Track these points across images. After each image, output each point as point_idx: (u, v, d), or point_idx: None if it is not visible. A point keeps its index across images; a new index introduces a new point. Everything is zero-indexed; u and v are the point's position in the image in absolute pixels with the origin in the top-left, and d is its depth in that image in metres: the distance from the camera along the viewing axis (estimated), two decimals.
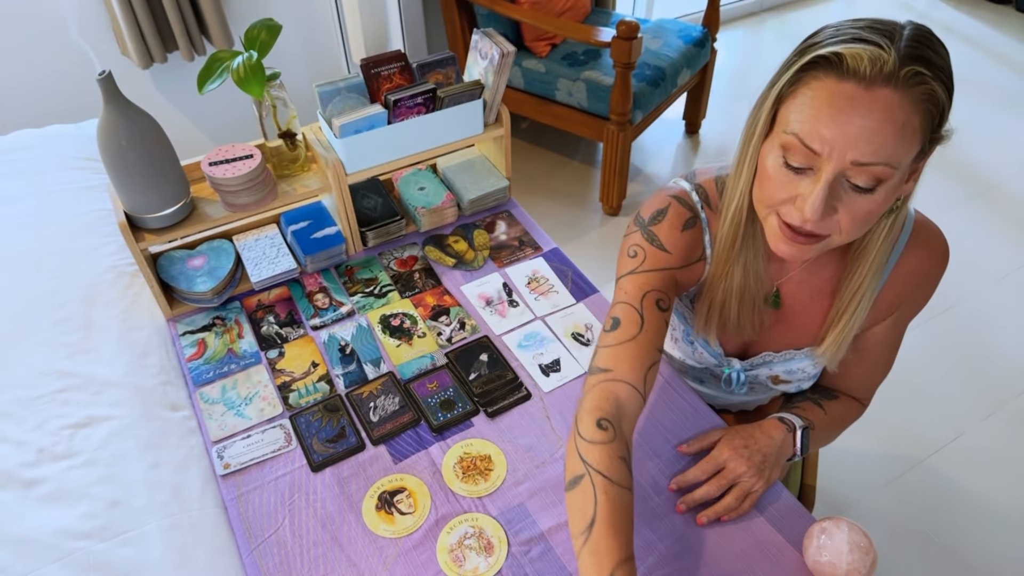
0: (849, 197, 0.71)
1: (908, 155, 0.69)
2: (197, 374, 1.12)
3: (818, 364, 0.98)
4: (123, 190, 1.07)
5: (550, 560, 0.90)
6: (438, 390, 1.09)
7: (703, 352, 1.04)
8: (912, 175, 0.76)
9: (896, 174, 0.70)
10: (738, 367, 1.03)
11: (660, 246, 0.91)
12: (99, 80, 1.00)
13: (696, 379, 1.16)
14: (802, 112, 0.70)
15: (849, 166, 0.69)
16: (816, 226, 0.73)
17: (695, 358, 1.07)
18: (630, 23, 2.00)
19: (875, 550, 0.83)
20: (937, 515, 1.70)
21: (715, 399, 1.18)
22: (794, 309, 0.96)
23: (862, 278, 0.86)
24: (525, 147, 2.85)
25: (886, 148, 0.67)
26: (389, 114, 1.18)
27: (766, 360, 1.02)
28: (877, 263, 0.85)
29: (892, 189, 0.72)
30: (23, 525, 0.91)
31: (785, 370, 1.01)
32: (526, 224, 1.38)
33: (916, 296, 0.93)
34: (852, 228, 0.74)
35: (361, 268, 1.30)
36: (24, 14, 2.08)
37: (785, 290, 0.95)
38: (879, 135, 0.67)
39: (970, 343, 2.10)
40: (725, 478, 0.93)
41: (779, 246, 0.78)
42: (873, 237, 0.83)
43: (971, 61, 3.39)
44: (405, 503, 0.96)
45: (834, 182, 0.70)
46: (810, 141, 0.69)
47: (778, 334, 0.99)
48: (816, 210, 0.71)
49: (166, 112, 2.45)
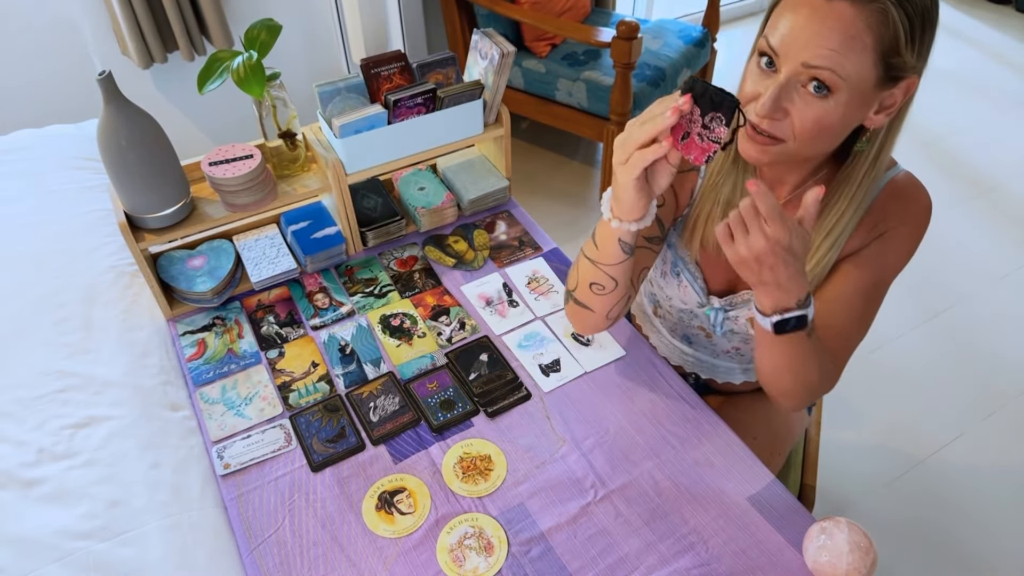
0: (802, 102, 0.77)
1: (856, 69, 0.75)
2: (197, 374, 1.12)
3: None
4: (123, 190, 1.07)
5: (550, 560, 0.90)
6: (438, 390, 1.09)
7: (688, 287, 1.06)
8: (884, 109, 0.80)
9: (844, 86, 0.75)
10: (717, 305, 1.05)
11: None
12: (99, 80, 1.00)
13: (685, 339, 1.17)
14: (774, 20, 0.78)
15: (801, 68, 0.75)
16: (771, 126, 0.79)
17: (680, 296, 1.08)
18: (630, 23, 2.00)
19: (875, 550, 0.83)
20: (937, 515, 1.70)
21: (703, 366, 1.19)
22: None
23: (842, 212, 0.88)
24: (525, 147, 2.85)
25: (834, 54, 0.74)
26: (389, 114, 1.18)
27: (745, 299, 1.03)
28: (856, 198, 0.88)
29: (844, 104, 0.76)
30: (23, 525, 0.91)
31: None
32: (526, 224, 1.39)
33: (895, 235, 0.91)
34: (803, 134, 0.78)
35: (361, 268, 1.30)
36: (24, 14, 2.08)
37: None
38: (828, 41, 0.73)
39: (970, 343, 2.10)
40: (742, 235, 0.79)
41: (744, 146, 0.83)
42: (854, 170, 0.87)
43: (971, 61, 3.39)
44: (405, 503, 0.96)
45: (787, 83, 0.76)
46: (775, 43, 0.77)
47: None
48: (765, 105, 0.77)
49: (166, 112, 2.45)
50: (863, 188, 0.88)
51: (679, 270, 1.07)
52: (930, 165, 2.76)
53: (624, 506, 0.95)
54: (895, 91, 0.79)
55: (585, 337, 1.17)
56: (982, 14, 3.74)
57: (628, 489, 0.97)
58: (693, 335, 1.16)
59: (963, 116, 3.02)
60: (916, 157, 2.80)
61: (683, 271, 1.06)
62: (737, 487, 0.97)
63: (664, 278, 1.11)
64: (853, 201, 0.88)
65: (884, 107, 0.80)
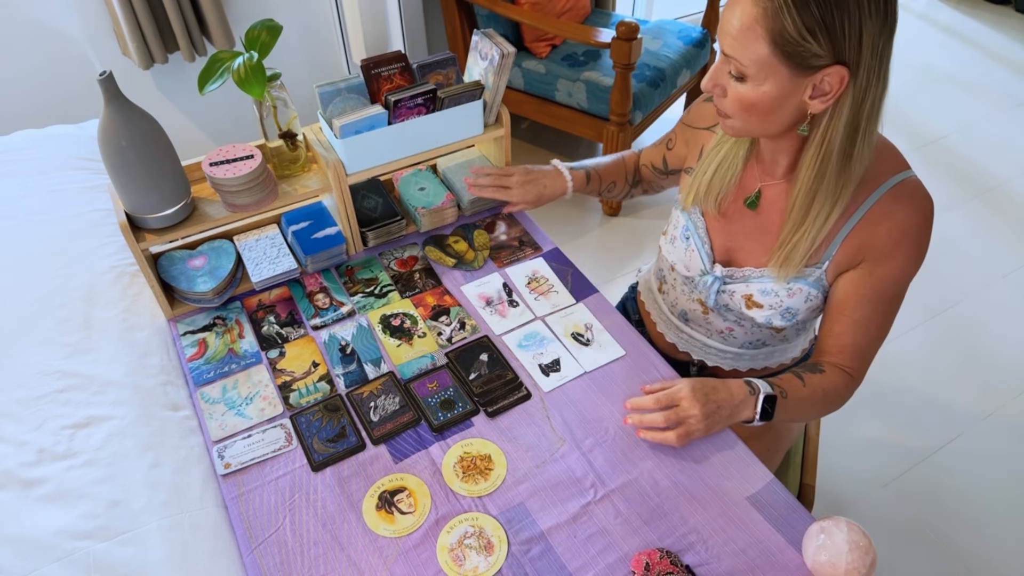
0: (730, 84, 0.89)
1: (756, 58, 0.83)
2: (198, 374, 1.13)
3: (792, 293, 1.03)
4: (124, 190, 1.08)
5: (550, 560, 0.90)
6: (438, 390, 1.09)
7: (695, 252, 1.12)
8: (819, 95, 0.85)
9: (751, 72, 0.85)
10: (718, 273, 1.09)
11: (688, 108, 1.19)
12: (100, 80, 1.00)
13: (682, 315, 1.23)
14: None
15: (723, 55, 0.88)
16: (716, 102, 0.93)
17: (686, 262, 1.14)
18: (630, 24, 2.01)
19: (874, 550, 0.83)
20: (937, 515, 1.70)
21: (696, 345, 1.23)
22: (770, 218, 1.04)
23: (797, 192, 0.95)
24: (525, 147, 2.85)
25: (736, 45, 0.85)
26: (389, 115, 1.18)
27: (745, 274, 1.07)
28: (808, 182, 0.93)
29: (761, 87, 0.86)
30: (23, 525, 0.92)
31: (760, 288, 1.05)
32: (526, 224, 1.39)
33: (895, 252, 0.96)
34: (735, 110, 0.91)
35: (361, 268, 1.30)
36: (25, 14, 2.08)
37: (766, 195, 1.04)
38: (731, 33, 0.84)
39: (970, 343, 2.10)
40: (676, 415, 0.98)
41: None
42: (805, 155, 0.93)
43: (971, 61, 3.39)
44: (405, 503, 0.96)
45: (719, 66, 0.90)
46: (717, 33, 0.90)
47: (757, 245, 1.06)
48: (704, 81, 0.92)
49: (167, 112, 2.46)
50: (811, 172, 0.92)
51: (689, 234, 1.12)
52: (930, 165, 2.77)
53: (624, 505, 0.95)
54: (826, 78, 0.84)
55: (585, 336, 1.17)
56: (982, 14, 3.74)
57: (628, 489, 0.97)
58: (691, 311, 1.20)
59: (963, 116, 3.02)
60: (916, 157, 2.80)
61: (692, 236, 1.11)
62: (736, 487, 0.97)
63: (673, 243, 1.16)
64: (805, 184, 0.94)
65: (818, 93, 0.86)
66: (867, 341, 1.01)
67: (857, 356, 1.02)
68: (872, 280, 0.98)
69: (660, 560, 0.88)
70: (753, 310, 1.08)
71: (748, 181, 1.06)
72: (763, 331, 1.15)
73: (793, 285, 1.03)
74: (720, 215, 1.09)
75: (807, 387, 1.00)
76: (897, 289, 0.99)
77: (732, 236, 1.09)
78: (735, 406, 0.98)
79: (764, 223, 1.05)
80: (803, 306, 1.04)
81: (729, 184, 1.06)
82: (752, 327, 1.14)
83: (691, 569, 0.88)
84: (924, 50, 3.48)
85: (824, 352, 1.04)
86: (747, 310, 1.09)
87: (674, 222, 1.17)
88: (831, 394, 1.02)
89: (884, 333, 1.02)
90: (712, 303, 1.12)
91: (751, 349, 1.19)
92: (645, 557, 0.88)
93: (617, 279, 2.30)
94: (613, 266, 2.37)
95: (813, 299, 1.04)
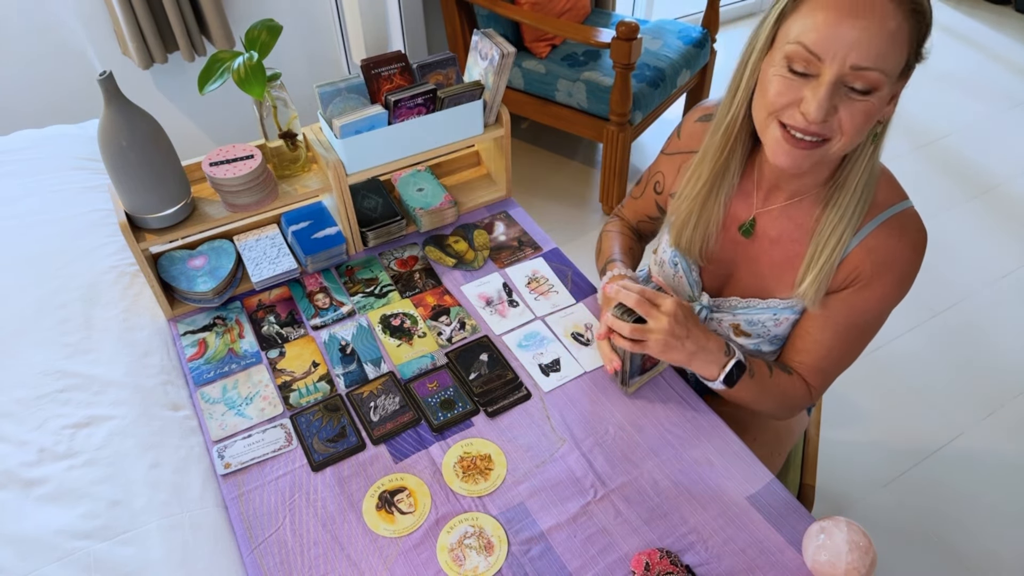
0: (847, 101, 0.77)
1: (898, 63, 0.76)
2: (198, 374, 1.13)
3: (780, 322, 1.01)
4: (124, 190, 1.08)
5: (550, 560, 0.90)
6: (438, 390, 1.09)
7: (683, 278, 1.09)
8: (893, 98, 0.81)
9: (887, 83, 0.76)
10: (705, 302, 1.07)
11: (678, 133, 1.09)
12: (100, 80, 1.00)
13: None
14: (805, 23, 0.76)
15: (848, 71, 0.75)
16: (820, 127, 0.79)
17: (675, 284, 1.11)
18: (630, 24, 2.01)
19: (874, 550, 0.83)
20: (937, 515, 1.70)
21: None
22: (764, 247, 1.00)
23: (844, 207, 0.89)
24: (525, 147, 2.85)
25: (881, 53, 0.73)
26: (389, 115, 1.18)
27: (732, 304, 1.04)
28: (859, 190, 0.87)
29: (882, 100, 0.78)
30: (24, 525, 0.92)
31: (747, 319, 1.03)
32: (526, 224, 1.39)
33: (875, 281, 0.91)
34: (851, 130, 0.79)
35: (361, 268, 1.30)
36: (25, 15, 2.08)
37: (761, 223, 0.99)
38: (876, 39, 0.73)
39: (970, 343, 2.10)
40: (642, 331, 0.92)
41: (778, 155, 0.84)
42: (855, 163, 0.87)
43: (971, 61, 3.39)
44: (405, 503, 0.96)
45: (835, 84, 0.76)
46: (814, 47, 0.75)
47: (747, 275, 1.04)
48: (821, 108, 0.76)
49: (167, 112, 2.46)
50: (864, 178, 0.87)
51: (677, 261, 1.09)
52: (930, 165, 2.77)
53: (624, 505, 0.95)
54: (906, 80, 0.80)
55: (585, 336, 1.17)
56: (982, 14, 3.74)
57: (628, 488, 0.97)
58: None
59: (963, 116, 3.02)
60: (916, 157, 2.80)
61: (680, 262, 1.09)
62: (737, 487, 0.97)
63: (661, 267, 1.14)
64: (855, 195, 0.88)
65: (894, 96, 0.81)
66: (829, 364, 0.99)
67: (817, 375, 1.00)
68: (845, 307, 0.94)
69: (660, 560, 0.88)
70: (740, 338, 1.06)
71: (736, 210, 1.01)
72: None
73: (779, 315, 1.01)
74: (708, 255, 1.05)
75: (772, 379, 0.99)
76: (869, 318, 0.95)
77: (722, 265, 1.06)
78: (703, 349, 0.93)
79: (756, 252, 1.01)
80: (790, 333, 1.03)
81: (711, 234, 1.01)
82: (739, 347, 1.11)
83: (691, 569, 0.88)
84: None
85: (788, 360, 1.03)
86: (735, 337, 1.07)
87: (663, 246, 1.13)
88: (789, 398, 1.00)
89: (850, 360, 0.99)
90: None
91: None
92: (645, 557, 0.88)
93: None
94: None
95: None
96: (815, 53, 0.75)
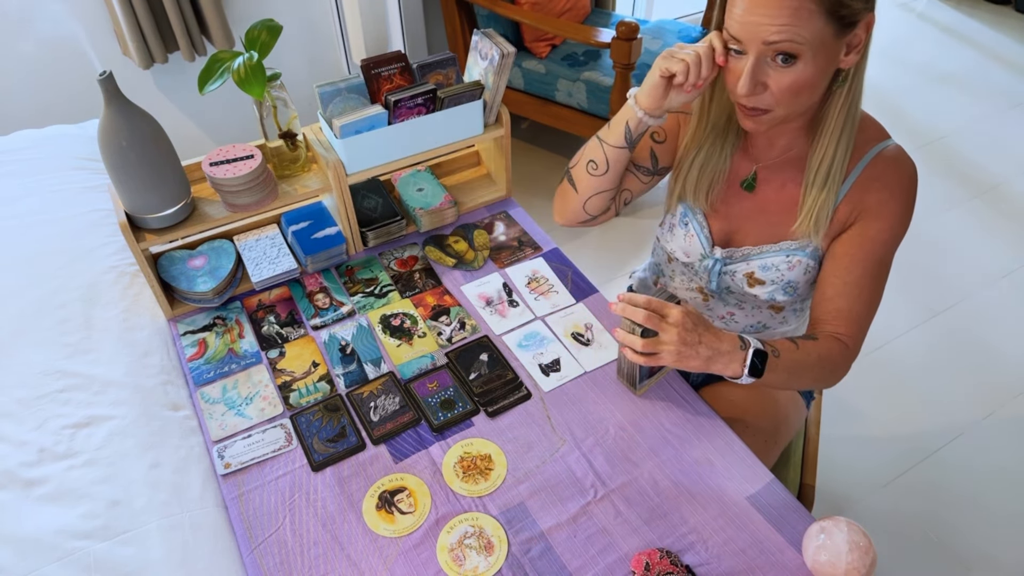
0: (776, 72, 0.87)
1: (811, 31, 0.83)
2: (198, 374, 1.13)
3: (792, 265, 1.05)
4: (124, 190, 1.08)
5: (550, 559, 0.90)
6: (438, 390, 1.09)
7: (694, 237, 1.12)
8: (852, 49, 0.87)
9: (806, 48, 0.84)
10: (718, 255, 1.11)
11: None
12: (100, 80, 1.00)
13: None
14: (731, 13, 0.87)
15: (763, 46, 0.85)
16: (751, 101, 0.90)
17: (685, 247, 1.14)
18: (630, 24, 2.01)
19: (874, 550, 0.83)
20: (937, 515, 1.70)
21: None
22: (768, 196, 1.06)
23: (825, 147, 0.96)
24: (525, 147, 2.85)
25: (787, 27, 0.82)
26: (389, 115, 1.18)
27: (745, 252, 1.09)
28: (837, 132, 0.95)
29: (812, 63, 0.85)
30: (23, 525, 0.92)
31: (760, 265, 1.07)
32: (526, 224, 1.39)
33: (882, 212, 0.98)
34: (785, 98, 0.88)
35: (361, 268, 1.30)
36: (25, 15, 2.08)
37: (762, 176, 1.06)
38: (778, 18, 0.82)
39: (970, 343, 2.10)
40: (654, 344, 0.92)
41: (743, 122, 0.95)
42: (830, 107, 0.94)
43: (971, 61, 3.39)
44: (405, 503, 0.96)
45: (757, 62, 0.86)
46: (736, 34, 0.86)
47: (756, 225, 1.08)
48: (744, 86, 0.88)
49: (167, 112, 2.46)
50: (840, 120, 0.94)
51: (687, 220, 1.12)
52: (930, 165, 2.77)
53: (624, 505, 0.95)
54: (857, 32, 0.86)
55: (585, 336, 1.17)
56: (982, 15, 3.74)
57: (628, 488, 0.97)
58: (690, 300, 1.21)
59: (963, 116, 3.02)
60: (916, 157, 2.78)
61: (691, 221, 1.12)
62: (737, 487, 0.97)
63: (671, 231, 1.16)
64: (834, 136, 0.95)
65: (852, 47, 0.87)
66: (861, 306, 1.00)
67: (852, 321, 1.00)
68: (862, 241, 1.00)
69: (660, 560, 0.88)
70: (756, 287, 1.09)
71: (738, 167, 1.08)
72: (763, 312, 1.16)
73: (792, 257, 1.05)
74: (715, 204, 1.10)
75: (801, 350, 0.98)
76: (886, 250, 1.00)
77: (729, 219, 1.10)
78: (718, 352, 0.92)
79: (761, 202, 1.07)
80: (802, 278, 1.06)
81: (717, 181, 1.07)
82: (752, 308, 1.16)
83: (691, 569, 0.88)
84: (924, 50, 3.48)
85: (818, 321, 1.03)
86: (749, 288, 1.10)
87: (671, 211, 1.17)
88: (827, 360, 0.99)
89: (876, 299, 1.02)
90: (714, 286, 1.14)
91: (751, 332, 1.20)
92: (645, 557, 0.88)
93: (617, 279, 2.30)
94: (613, 266, 2.37)
95: (811, 271, 1.05)
96: (736, 38, 0.87)
